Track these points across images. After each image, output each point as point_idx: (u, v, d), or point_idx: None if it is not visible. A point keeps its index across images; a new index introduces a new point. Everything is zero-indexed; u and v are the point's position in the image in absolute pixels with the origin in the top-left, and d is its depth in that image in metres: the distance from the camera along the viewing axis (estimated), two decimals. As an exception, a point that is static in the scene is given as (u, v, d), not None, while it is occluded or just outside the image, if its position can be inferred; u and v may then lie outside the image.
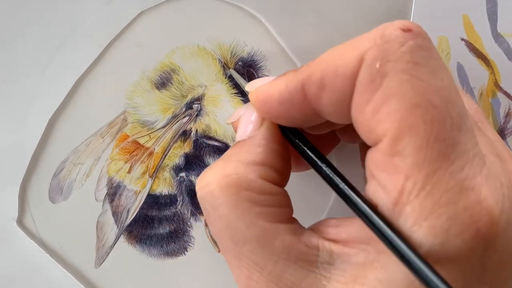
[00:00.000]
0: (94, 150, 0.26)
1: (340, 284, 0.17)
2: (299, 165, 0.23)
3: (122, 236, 0.26)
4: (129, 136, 0.26)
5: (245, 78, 0.26)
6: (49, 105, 0.26)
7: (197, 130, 0.26)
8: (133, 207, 0.26)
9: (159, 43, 0.26)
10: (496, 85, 0.26)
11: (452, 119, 0.16)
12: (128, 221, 0.26)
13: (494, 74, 0.26)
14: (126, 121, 0.26)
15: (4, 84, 0.26)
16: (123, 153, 0.26)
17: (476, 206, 0.15)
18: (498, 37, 0.26)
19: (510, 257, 0.16)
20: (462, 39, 0.26)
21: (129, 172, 0.26)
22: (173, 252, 0.26)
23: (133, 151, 0.26)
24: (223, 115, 0.26)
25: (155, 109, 0.26)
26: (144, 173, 0.26)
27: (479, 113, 0.20)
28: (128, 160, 0.26)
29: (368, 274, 0.16)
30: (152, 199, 0.26)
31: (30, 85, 0.26)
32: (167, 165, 0.26)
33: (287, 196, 0.19)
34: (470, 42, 0.26)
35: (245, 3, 0.26)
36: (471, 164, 0.16)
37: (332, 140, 0.24)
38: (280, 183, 0.19)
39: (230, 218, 0.18)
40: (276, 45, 0.26)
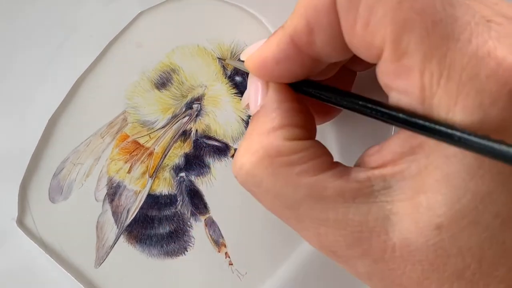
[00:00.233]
0: (94, 150, 0.26)
1: (404, 202, 0.16)
2: (322, 115, 0.23)
3: (122, 236, 0.26)
4: (129, 136, 0.26)
5: (246, 78, 0.26)
6: (49, 105, 0.26)
7: (197, 130, 0.26)
8: (133, 207, 0.26)
9: (159, 43, 0.26)
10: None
11: None
12: (128, 221, 0.26)
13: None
14: (126, 121, 0.26)
15: (4, 84, 0.26)
16: (123, 153, 0.26)
17: (498, 69, 0.15)
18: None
19: None
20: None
21: (129, 172, 0.26)
22: (173, 252, 0.26)
23: (133, 151, 0.26)
24: (223, 115, 0.26)
25: (155, 109, 0.26)
26: (144, 173, 0.26)
27: None
28: (128, 160, 0.26)
29: (426, 180, 0.16)
30: (152, 199, 0.26)
31: (30, 85, 0.26)
32: (167, 165, 0.26)
33: (321, 145, 0.19)
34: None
35: (245, 3, 0.26)
36: (476, 33, 0.15)
37: (348, 75, 0.24)
38: (309, 137, 0.19)
39: (275, 189, 0.18)
40: (276, 45, 0.26)
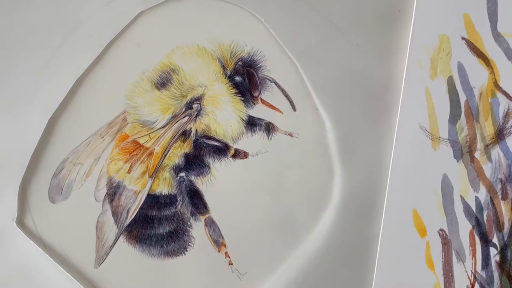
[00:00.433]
0: (94, 150, 0.26)
1: None
2: None
3: (122, 236, 0.26)
4: (129, 136, 0.26)
5: (245, 78, 0.26)
6: (49, 104, 0.26)
7: (197, 130, 0.26)
8: (133, 207, 0.26)
9: (159, 43, 0.26)
10: (495, 85, 0.26)
11: None
12: (128, 221, 0.26)
13: (494, 74, 0.26)
14: (126, 121, 0.26)
15: (4, 83, 0.26)
16: (123, 153, 0.26)
17: None
18: (498, 36, 0.26)
19: None
20: (463, 38, 0.26)
21: (129, 172, 0.26)
22: (173, 252, 0.26)
23: (133, 151, 0.26)
24: (223, 115, 0.26)
25: (155, 109, 0.26)
26: (144, 173, 0.26)
27: None
28: (128, 160, 0.26)
29: None
30: (152, 199, 0.26)
31: (30, 85, 0.26)
32: (167, 165, 0.26)
33: None
34: (470, 41, 0.26)
35: (245, 3, 0.26)
36: None
37: None
38: None
39: None
40: (276, 45, 0.26)
